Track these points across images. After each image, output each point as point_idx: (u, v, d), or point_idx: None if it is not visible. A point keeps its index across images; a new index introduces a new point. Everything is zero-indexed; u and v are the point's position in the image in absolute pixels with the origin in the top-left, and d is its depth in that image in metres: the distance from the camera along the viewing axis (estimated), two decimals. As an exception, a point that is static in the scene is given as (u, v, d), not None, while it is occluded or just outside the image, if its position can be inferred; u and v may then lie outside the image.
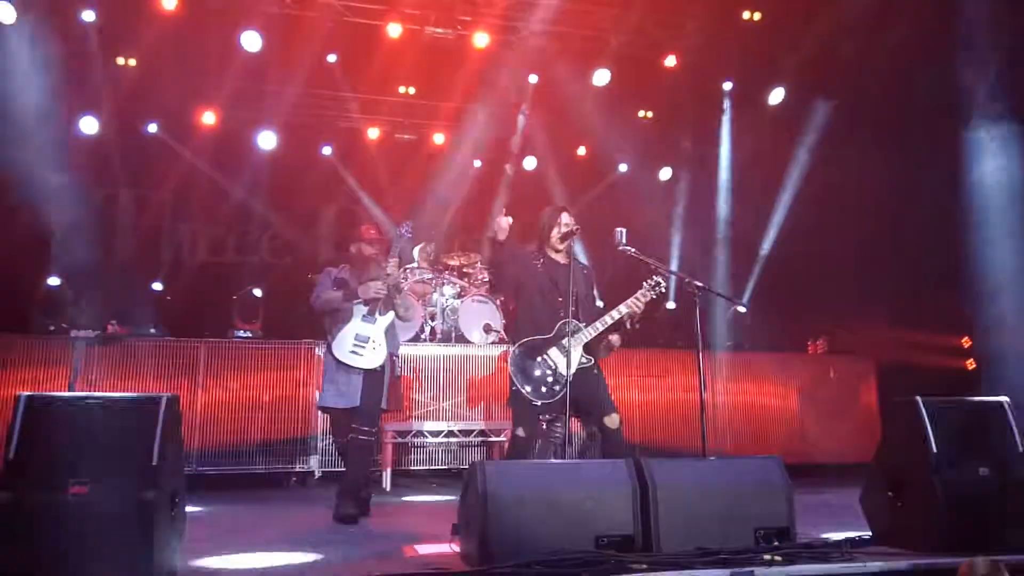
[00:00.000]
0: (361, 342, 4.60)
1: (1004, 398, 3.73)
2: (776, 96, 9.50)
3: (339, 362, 4.60)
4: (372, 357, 4.61)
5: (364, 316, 4.67)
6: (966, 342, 9.08)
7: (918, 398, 3.61)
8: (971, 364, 9.01)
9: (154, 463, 2.75)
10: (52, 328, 6.49)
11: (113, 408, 2.94)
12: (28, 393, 2.74)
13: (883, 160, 7.74)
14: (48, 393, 4.16)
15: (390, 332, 4.74)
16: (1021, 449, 3.60)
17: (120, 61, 8.78)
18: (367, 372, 4.60)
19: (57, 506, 2.63)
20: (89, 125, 8.81)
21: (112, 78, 8.72)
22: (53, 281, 7.39)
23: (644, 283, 4.43)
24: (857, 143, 8.26)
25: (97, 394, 5.26)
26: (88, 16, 8.18)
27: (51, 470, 2.67)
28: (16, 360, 5.92)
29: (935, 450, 3.50)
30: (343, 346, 4.60)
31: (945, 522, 3.38)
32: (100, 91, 8.72)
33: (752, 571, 2.98)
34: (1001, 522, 3.41)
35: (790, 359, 7.88)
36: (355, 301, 4.67)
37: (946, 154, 7.38)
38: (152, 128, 9.53)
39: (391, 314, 4.76)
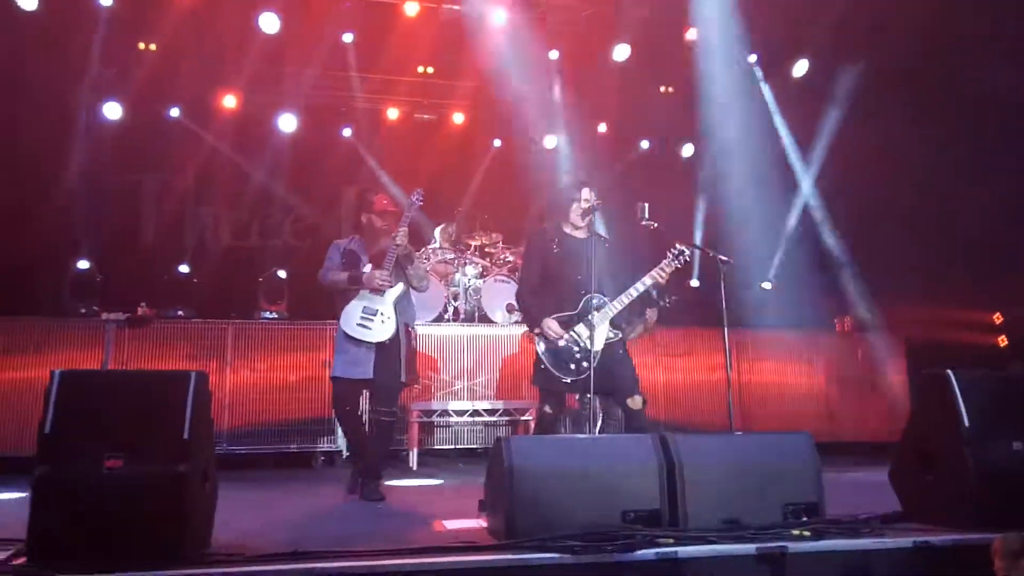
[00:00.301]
0: (369, 315, 4.49)
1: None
2: (800, 68, 9.34)
3: (348, 335, 4.50)
4: (381, 330, 4.47)
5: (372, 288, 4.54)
6: (998, 318, 8.95)
7: (949, 371, 3.56)
8: (1003, 340, 8.88)
9: (186, 437, 2.79)
10: (83, 311, 6.58)
11: (144, 384, 2.99)
12: (61, 370, 2.79)
13: (912, 132, 7.58)
14: (81, 370, 4.26)
15: (401, 304, 4.62)
16: (1055, 423, 3.53)
17: (141, 46, 8.84)
18: (379, 346, 4.49)
19: (92, 479, 2.67)
20: (112, 111, 8.89)
21: (134, 63, 8.80)
22: (83, 264, 7.49)
23: (668, 252, 4.40)
24: (884, 115, 8.10)
25: (129, 371, 5.41)
26: (106, 1, 8.20)
27: (86, 444, 2.71)
28: (49, 343, 6.02)
29: (966, 424, 3.45)
30: (351, 319, 4.49)
31: (977, 497, 3.33)
32: (123, 76, 8.79)
33: (785, 546, 2.97)
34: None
35: (817, 337, 7.80)
36: (359, 288, 4.54)
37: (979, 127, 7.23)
38: (174, 113, 9.59)
39: (401, 286, 4.62)
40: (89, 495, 2.66)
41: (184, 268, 9.22)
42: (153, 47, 8.81)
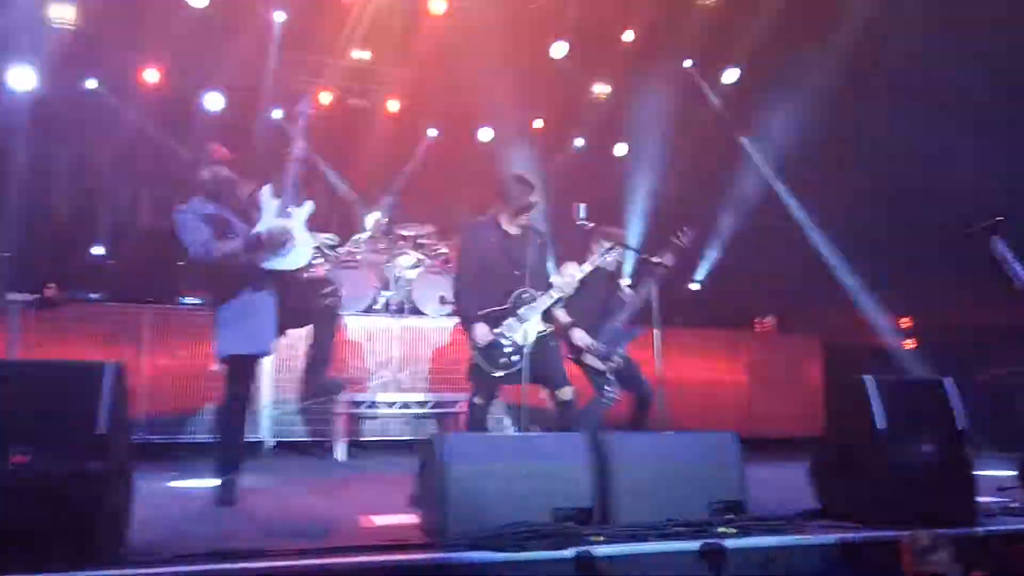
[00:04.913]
0: None
1: (948, 377, 3.86)
2: (731, 76, 9.61)
3: (248, 297, 3.94)
4: (295, 256, 3.99)
5: (277, 210, 4.00)
6: (907, 322, 9.44)
7: (866, 376, 3.71)
8: (911, 343, 9.37)
9: (100, 432, 2.63)
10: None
11: (55, 375, 2.80)
12: (-36, 358, 2.60)
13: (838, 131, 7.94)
14: (-14, 359, 3.99)
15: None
16: (961, 426, 3.73)
17: (56, 12, 8.35)
18: (290, 292, 4.03)
19: (-4, 476, 2.50)
20: (26, 80, 8.37)
21: (49, 31, 8.32)
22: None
23: (593, 246, 4.51)
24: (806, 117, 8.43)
25: (39, 360, 5.10)
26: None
27: (-10, 439, 2.54)
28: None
29: (881, 427, 3.61)
30: None
31: (890, 496, 3.49)
32: (37, 44, 8.29)
33: (716, 543, 3.02)
34: (942, 496, 3.55)
35: (738, 336, 8.03)
36: (262, 251, 3.90)
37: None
38: (91, 84, 9.09)
39: (310, 204, 4.11)
40: (-7, 493, 2.49)
41: (99, 249, 8.76)
42: (71, 14, 8.35)
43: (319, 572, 2.68)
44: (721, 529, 3.14)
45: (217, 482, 3.97)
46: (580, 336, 4.90)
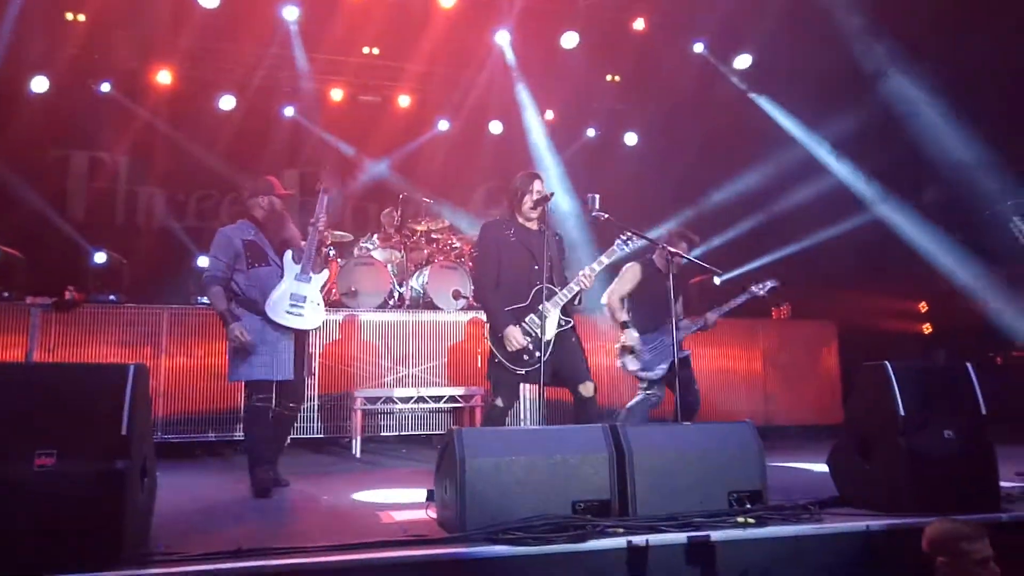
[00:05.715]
0: (298, 302, 4.34)
1: (969, 363, 3.82)
2: (743, 61, 9.51)
3: (268, 327, 4.28)
4: (313, 317, 4.38)
5: (298, 275, 4.38)
6: (923, 307, 9.36)
7: (887, 363, 3.68)
8: (928, 328, 9.29)
9: (123, 433, 2.66)
10: (6, 295, 6.25)
11: (79, 378, 2.84)
12: (-12, 363, 2.63)
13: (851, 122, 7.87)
14: (10, 362, 4.04)
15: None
16: (984, 412, 3.69)
17: (69, 17, 8.43)
18: (297, 340, 4.41)
19: (22, 478, 2.53)
20: (40, 84, 8.47)
21: (62, 35, 8.40)
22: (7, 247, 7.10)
23: (616, 240, 4.48)
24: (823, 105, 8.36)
25: (62, 363, 5.15)
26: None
27: (15, 441, 2.57)
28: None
29: (902, 413, 3.58)
30: (278, 308, 4.29)
31: (911, 483, 3.47)
32: (50, 48, 8.38)
33: (708, 535, 3.03)
34: (964, 483, 3.52)
35: (755, 324, 7.98)
36: (230, 327, 4.19)
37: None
38: (105, 87, 9.16)
39: (326, 272, 4.54)
40: (18, 495, 2.51)
41: (102, 256, 8.78)
42: (82, 18, 8.41)
43: (341, 568, 2.70)
44: (740, 519, 3.14)
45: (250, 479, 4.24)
46: (630, 336, 5.04)
